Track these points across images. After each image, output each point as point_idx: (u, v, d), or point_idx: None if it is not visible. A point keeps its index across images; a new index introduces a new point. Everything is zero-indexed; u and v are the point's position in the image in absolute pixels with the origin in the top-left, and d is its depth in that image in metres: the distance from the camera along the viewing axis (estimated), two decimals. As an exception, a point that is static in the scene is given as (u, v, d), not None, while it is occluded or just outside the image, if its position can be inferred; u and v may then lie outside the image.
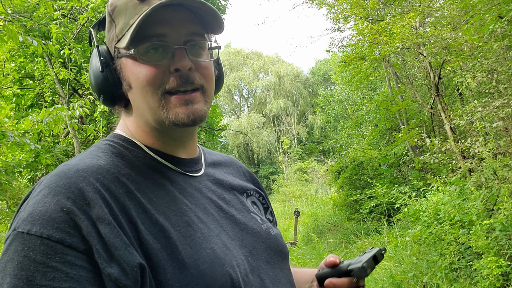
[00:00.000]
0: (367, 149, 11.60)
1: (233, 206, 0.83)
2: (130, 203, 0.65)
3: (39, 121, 3.77)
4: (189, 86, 0.73)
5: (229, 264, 0.70)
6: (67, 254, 0.56)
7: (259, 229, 0.84)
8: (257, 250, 0.80)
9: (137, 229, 0.63)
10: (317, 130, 27.98)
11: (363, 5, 8.67)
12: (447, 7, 5.97)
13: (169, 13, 0.70)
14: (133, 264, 0.58)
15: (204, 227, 0.72)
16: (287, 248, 0.90)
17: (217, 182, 0.86)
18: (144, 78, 0.71)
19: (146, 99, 0.73)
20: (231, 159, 1.02)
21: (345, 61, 9.48)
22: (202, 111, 0.74)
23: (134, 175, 0.70)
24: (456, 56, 5.88)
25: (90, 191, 0.60)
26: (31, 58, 6.49)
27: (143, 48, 0.71)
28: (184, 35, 0.72)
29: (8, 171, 4.23)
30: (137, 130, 0.79)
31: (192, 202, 0.75)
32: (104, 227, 0.59)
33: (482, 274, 3.66)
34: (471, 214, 4.21)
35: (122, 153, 0.74)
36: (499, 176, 4.38)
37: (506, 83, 5.07)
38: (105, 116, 6.56)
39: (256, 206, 0.92)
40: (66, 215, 0.57)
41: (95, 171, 0.65)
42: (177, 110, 0.72)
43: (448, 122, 6.25)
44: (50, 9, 4.06)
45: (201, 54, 0.76)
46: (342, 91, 16.78)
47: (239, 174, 0.98)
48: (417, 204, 5.31)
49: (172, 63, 0.71)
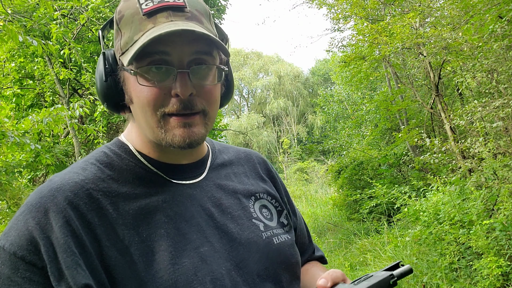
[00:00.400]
0: (367, 149, 11.60)
1: (229, 214, 0.80)
2: (97, 220, 0.67)
3: (39, 121, 3.77)
4: (189, 111, 0.71)
5: (200, 281, 0.68)
6: (27, 270, 0.61)
7: (256, 238, 0.79)
8: (246, 262, 0.76)
9: (101, 245, 0.65)
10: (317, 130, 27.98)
11: (363, 5, 8.67)
12: (447, 7, 5.97)
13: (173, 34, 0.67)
14: (79, 284, 0.61)
15: (181, 240, 0.71)
16: (295, 257, 0.84)
17: (218, 186, 0.84)
18: (145, 98, 0.71)
19: (145, 118, 0.73)
20: (248, 156, 0.98)
21: (345, 61, 9.48)
22: (199, 134, 0.73)
23: (116, 187, 0.72)
24: (456, 56, 5.88)
25: (54, 212, 0.64)
26: (31, 58, 6.49)
27: (144, 66, 0.70)
28: (189, 54, 0.70)
29: (8, 171, 4.23)
30: (137, 137, 0.80)
31: (177, 212, 0.74)
32: (60, 248, 0.62)
33: (482, 274, 3.66)
34: (471, 214, 4.21)
35: (113, 163, 0.76)
36: (499, 176, 4.38)
37: (506, 83, 5.07)
38: (105, 116, 6.57)
39: (267, 210, 0.88)
40: (29, 235, 0.63)
41: (68, 189, 0.68)
42: (175, 132, 0.72)
43: (448, 122, 6.25)
44: (50, 9, 4.06)
45: (206, 75, 0.73)
46: (342, 91, 16.78)
47: (253, 173, 0.93)
48: (417, 204, 5.30)
49: (173, 87, 0.70)
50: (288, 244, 0.84)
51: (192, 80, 0.70)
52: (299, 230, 1.00)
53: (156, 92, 0.70)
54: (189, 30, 0.66)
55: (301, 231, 1.01)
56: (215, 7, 10.09)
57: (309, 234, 1.05)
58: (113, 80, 0.75)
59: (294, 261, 0.84)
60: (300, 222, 1.02)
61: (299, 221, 1.01)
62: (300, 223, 1.01)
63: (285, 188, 1.00)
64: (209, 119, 0.75)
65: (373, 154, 10.57)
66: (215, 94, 0.76)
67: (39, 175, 6.92)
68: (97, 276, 0.63)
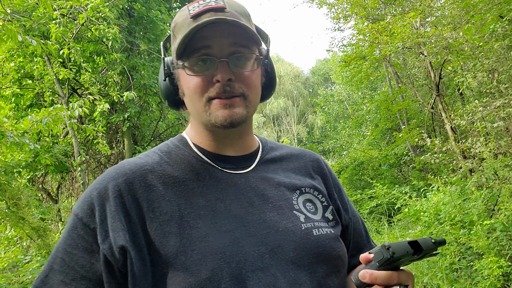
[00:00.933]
0: (368, 149, 11.59)
1: (270, 203, 0.86)
2: (146, 195, 0.81)
3: (38, 121, 3.76)
4: (229, 95, 0.82)
5: (226, 260, 0.75)
6: (82, 229, 0.77)
7: (294, 228, 0.84)
8: (281, 249, 0.80)
9: (145, 216, 0.78)
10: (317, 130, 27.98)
11: (364, 5, 8.65)
12: (448, 7, 5.95)
13: (214, 28, 0.79)
14: (118, 245, 0.74)
15: (217, 222, 0.79)
16: (336, 250, 0.86)
17: (264, 178, 0.90)
18: (192, 86, 0.83)
19: (194, 104, 0.85)
20: (301, 154, 1.04)
21: (345, 60, 9.47)
22: (239, 114, 0.82)
23: (169, 171, 0.86)
24: (457, 55, 5.87)
25: (112, 185, 0.80)
26: (30, 58, 6.48)
27: (192, 60, 0.82)
28: (228, 46, 0.81)
29: (7, 171, 4.22)
30: (192, 131, 0.94)
31: (218, 198, 0.83)
32: (110, 214, 0.77)
33: (482, 274, 3.65)
34: (471, 215, 4.20)
35: (171, 152, 0.91)
36: (500, 176, 4.37)
37: (507, 83, 5.06)
38: (105, 116, 6.55)
39: (311, 204, 0.92)
40: (90, 201, 0.79)
41: (129, 168, 0.84)
42: (217, 113, 0.82)
43: (449, 122, 6.24)
44: (50, 9, 4.05)
45: (245, 64, 0.84)
46: (342, 91, 16.78)
47: (302, 170, 0.99)
48: (417, 204, 5.29)
49: (215, 74, 0.81)
50: (329, 237, 0.87)
51: (231, 68, 0.81)
52: (352, 228, 1.02)
53: (201, 80, 0.82)
54: (221, 19, 0.77)
55: (355, 230, 1.03)
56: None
57: (368, 234, 1.07)
58: (170, 80, 0.89)
59: (334, 254, 0.86)
60: (356, 221, 1.04)
61: (354, 220, 1.03)
62: (356, 222, 1.04)
63: (339, 187, 1.04)
64: (250, 102, 0.85)
65: (373, 154, 10.55)
66: (253, 79, 0.85)
67: (38, 175, 6.91)
68: (136, 241, 0.76)
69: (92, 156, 7.34)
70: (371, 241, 1.08)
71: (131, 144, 7.11)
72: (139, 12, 6.78)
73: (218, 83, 0.81)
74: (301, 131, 31.23)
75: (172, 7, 9.35)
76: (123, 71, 6.59)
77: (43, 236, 4.12)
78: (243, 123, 0.84)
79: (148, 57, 7.14)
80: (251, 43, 0.84)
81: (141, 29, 7.03)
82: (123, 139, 7.31)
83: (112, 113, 6.89)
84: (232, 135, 0.90)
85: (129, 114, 6.70)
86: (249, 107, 0.85)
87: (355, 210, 1.05)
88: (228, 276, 0.74)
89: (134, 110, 6.72)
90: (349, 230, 1.00)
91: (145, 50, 6.79)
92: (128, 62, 6.54)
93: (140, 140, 7.52)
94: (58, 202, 7.40)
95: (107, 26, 5.62)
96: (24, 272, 3.50)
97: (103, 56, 6.85)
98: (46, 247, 4.05)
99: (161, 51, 0.94)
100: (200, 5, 0.82)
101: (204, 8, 0.81)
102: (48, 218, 5.70)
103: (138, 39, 6.84)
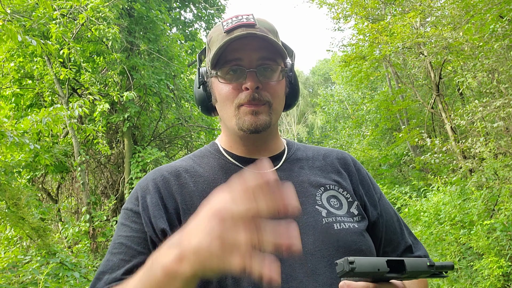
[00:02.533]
0: (368, 149, 11.59)
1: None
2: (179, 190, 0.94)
3: (38, 121, 3.76)
4: (257, 102, 0.91)
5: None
6: (133, 216, 0.91)
7: (314, 222, 0.89)
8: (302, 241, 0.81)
9: (178, 207, 0.91)
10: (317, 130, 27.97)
11: (364, 5, 8.65)
12: (448, 7, 5.95)
13: (245, 42, 0.90)
14: (159, 228, 0.87)
15: None
16: (357, 244, 0.88)
17: (287, 176, 0.98)
18: (224, 93, 0.93)
19: (225, 109, 0.95)
20: (328, 153, 1.09)
21: (345, 60, 9.47)
22: (264, 121, 0.92)
23: (201, 172, 0.98)
24: (457, 55, 5.86)
25: (153, 182, 0.95)
26: (30, 58, 6.48)
27: (224, 70, 0.92)
28: (256, 59, 0.91)
29: (7, 171, 4.22)
30: (223, 137, 1.04)
31: None
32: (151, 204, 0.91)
33: (483, 274, 3.65)
34: (472, 215, 4.20)
35: (203, 156, 1.03)
36: (500, 176, 4.37)
37: (507, 83, 5.06)
38: (104, 116, 6.55)
39: (336, 200, 0.97)
40: (136, 194, 0.95)
41: (165, 169, 0.99)
42: (245, 118, 0.92)
43: (449, 122, 6.24)
44: (50, 9, 4.05)
45: (271, 75, 0.93)
46: (342, 91, 16.77)
47: (328, 167, 1.04)
48: (417, 204, 5.29)
49: (244, 83, 0.91)
50: (352, 232, 0.90)
51: (259, 77, 0.91)
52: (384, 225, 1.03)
53: (232, 87, 0.92)
54: (251, 33, 0.88)
55: (388, 226, 1.04)
56: (215, 7, 10.08)
57: (403, 231, 1.07)
58: (204, 87, 1.00)
59: (355, 247, 0.88)
60: (390, 218, 1.05)
61: (386, 216, 1.04)
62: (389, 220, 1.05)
63: (369, 184, 1.06)
64: (273, 110, 0.94)
65: (373, 154, 10.55)
66: (278, 90, 0.95)
67: (38, 175, 6.91)
68: (173, 227, 0.88)
69: (92, 156, 7.34)
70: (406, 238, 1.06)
71: (131, 144, 7.11)
72: (139, 12, 6.78)
73: (247, 90, 0.91)
74: (301, 131, 31.23)
75: (172, 7, 9.36)
76: (123, 71, 6.59)
77: (43, 236, 4.12)
78: (267, 128, 0.93)
79: (148, 57, 7.14)
80: (277, 57, 0.94)
81: (141, 29, 7.03)
82: (123, 139, 7.31)
83: (112, 113, 6.89)
84: (258, 139, 0.98)
85: (129, 114, 6.70)
86: (273, 115, 0.94)
87: (389, 208, 1.07)
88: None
89: (134, 110, 6.72)
90: (379, 226, 1.02)
91: (145, 50, 6.79)
92: (128, 62, 6.54)
93: (140, 140, 7.52)
94: (58, 202, 7.40)
95: (107, 26, 5.62)
96: (24, 272, 3.50)
97: (103, 56, 6.84)
98: (46, 247, 4.05)
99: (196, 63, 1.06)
100: (233, 21, 0.93)
101: (237, 24, 0.92)
102: (48, 218, 5.70)
103: (138, 39, 6.84)
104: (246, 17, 0.93)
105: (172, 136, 8.45)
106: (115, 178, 7.42)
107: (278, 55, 0.94)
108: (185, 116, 7.90)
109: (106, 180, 7.52)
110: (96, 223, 5.95)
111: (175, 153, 8.85)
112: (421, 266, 0.67)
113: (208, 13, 10.16)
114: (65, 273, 3.74)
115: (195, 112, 8.32)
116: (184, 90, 8.00)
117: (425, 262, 0.68)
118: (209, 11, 10.09)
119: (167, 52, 7.25)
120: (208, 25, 10.26)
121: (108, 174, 7.55)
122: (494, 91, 5.46)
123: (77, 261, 4.16)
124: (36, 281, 3.36)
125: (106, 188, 7.45)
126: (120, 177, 7.28)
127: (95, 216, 6.06)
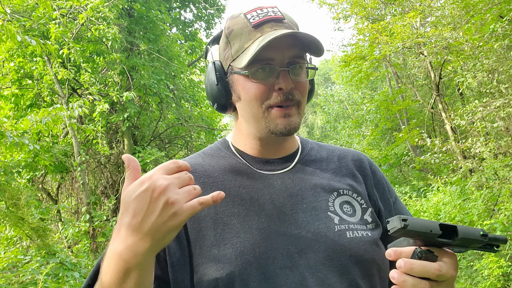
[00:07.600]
0: (368, 149, 11.59)
1: (305, 204, 0.88)
2: None
3: (38, 121, 3.76)
4: (289, 102, 0.86)
5: (256, 255, 0.80)
6: None
7: (326, 229, 0.85)
8: (311, 249, 0.82)
9: None
10: (318, 130, 27.97)
11: (364, 5, 8.65)
12: (448, 7, 5.95)
13: (277, 40, 0.83)
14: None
15: (249, 220, 0.85)
16: (370, 254, 0.85)
17: (300, 179, 0.93)
18: (253, 93, 0.87)
19: (252, 110, 0.88)
20: (343, 154, 1.03)
21: (345, 60, 9.46)
22: (296, 123, 0.88)
23: (210, 172, 0.93)
24: (457, 55, 5.86)
25: None
26: (30, 58, 6.47)
27: (254, 68, 0.85)
28: (288, 57, 0.86)
29: (6, 171, 4.21)
30: (236, 135, 0.99)
31: (252, 197, 0.88)
32: None
33: (483, 274, 3.64)
34: (472, 215, 4.20)
35: (213, 154, 0.98)
36: (500, 176, 4.37)
37: (507, 83, 5.05)
38: (104, 116, 6.55)
39: (349, 206, 0.92)
40: None
41: None
42: (277, 121, 0.86)
43: (449, 122, 6.24)
44: (49, 9, 4.05)
45: (300, 74, 0.88)
46: (342, 91, 16.77)
47: (343, 170, 0.99)
48: (418, 204, 5.29)
49: (276, 83, 0.85)
50: (365, 240, 0.86)
51: (291, 77, 0.85)
52: None
53: (263, 88, 0.86)
54: (291, 32, 0.82)
55: None
56: (215, 7, 10.08)
57: None
58: (222, 84, 0.92)
59: (368, 257, 0.85)
60: None
61: None
62: None
63: (385, 188, 1.01)
64: (301, 110, 0.90)
65: (373, 154, 10.55)
66: (307, 88, 0.91)
67: (38, 175, 6.90)
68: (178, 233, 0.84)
69: (92, 156, 7.34)
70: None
71: (131, 144, 7.11)
72: (139, 12, 6.77)
73: (280, 91, 0.85)
74: (301, 131, 31.23)
75: (172, 7, 9.35)
76: (123, 71, 6.59)
77: (42, 236, 4.11)
78: (297, 131, 0.89)
79: (148, 57, 7.14)
80: (304, 53, 0.89)
81: (141, 29, 7.03)
82: (123, 139, 7.31)
83: (111, 113, 6.89)
84: (280, 140, 0.94)
85: (129, 114, 6.69)
86: (301, 114, 0.90)
87: (405, 211, 1.02)
88: (256, 272, 0.79)
89: (133, 110, 6.71)
90: None
91: (145, 50, 6.78)
92: (128, 62, 6.54)
93: (140, 140, 7.52)
94: (58, 202, 7.40)
95: (107, 26, 5.62)
96: (24, 272, 3.49)
97: (103, 56, 6.84)
98: (45, 247, 4.05)
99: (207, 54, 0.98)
100: (259, 15, 0.87)
101: (264, 18, 0.86)
102: (48, 218, 5.69)
103: (138, 39, 6.84)
104: (272, 10, 0.88)
105: (172, 136, 8.46)
106: (115, 178, 7.42)
107: (304, 52, 0.89)
108: (185, 116, 7.89)
109: (106, 180, 7.52)
110: (96, 223, 5.95)
111: (175, 153, 8.85)
112: (474, 234, 0.66)
113: (208, 13, 10.16)
114: (65, 273, 3.74)
115: (195, 112, 8.31)
116: (184, 90, 7.99)
117: (479, 232, 0.66)
118: (209, 11, 10.09)
119: (167, 52, 7.25)
120: (208, 25, 10.26)
121: (108, 174, 7.55)
122: (494, 91, 5.46)
123: (77, 261, 4.16)
124: (36, 281, 3.36)
125: (106, 188, 7.45)
126: (120, 177, 7.28)
127: (95, 216, 6.06)
